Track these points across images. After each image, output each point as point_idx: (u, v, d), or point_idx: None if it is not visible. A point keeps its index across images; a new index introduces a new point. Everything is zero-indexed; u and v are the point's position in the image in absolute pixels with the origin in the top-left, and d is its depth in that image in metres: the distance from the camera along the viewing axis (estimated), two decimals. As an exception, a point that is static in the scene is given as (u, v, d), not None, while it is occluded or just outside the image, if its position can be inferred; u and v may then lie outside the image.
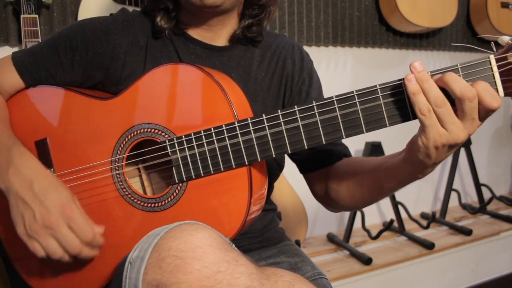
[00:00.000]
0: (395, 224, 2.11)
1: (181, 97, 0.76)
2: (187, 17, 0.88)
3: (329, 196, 0.91)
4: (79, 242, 0.74)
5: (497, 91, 0.64)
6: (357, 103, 0.68)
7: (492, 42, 0.66)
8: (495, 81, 0.64)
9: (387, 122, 0.68)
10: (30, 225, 0.73)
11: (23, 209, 0.74)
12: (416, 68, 0.64)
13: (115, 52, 0.85)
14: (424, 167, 0.69)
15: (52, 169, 0.83)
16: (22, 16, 1.44)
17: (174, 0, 0.87)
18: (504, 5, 2.38)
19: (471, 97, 0.61)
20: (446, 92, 0.63)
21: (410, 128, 0.77)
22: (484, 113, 0.64)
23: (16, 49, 1.58)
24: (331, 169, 0.91)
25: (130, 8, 0.93)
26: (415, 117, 0.65)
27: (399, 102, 0.67)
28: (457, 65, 0.64)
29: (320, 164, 0.93)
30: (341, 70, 2.23)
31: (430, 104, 0.63)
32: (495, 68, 0.63)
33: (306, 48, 1.01)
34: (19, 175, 0.75)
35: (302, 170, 0.97)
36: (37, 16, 1.46)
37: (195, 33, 0.89)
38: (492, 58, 0.63)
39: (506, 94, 0.64)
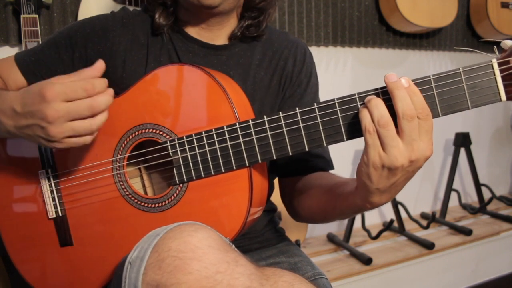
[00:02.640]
0: (395, 224, 2.12)
1: (183, 98, 0.76)
2: (185, 15, 0.88)
3: (292, 203, 0.92)
4: (88, 100, 0.66)
5: (499, 95, 0.63)
6: (358, 105, 0.67)
7: (495, 46, 0.66)
8: (497, 85, 0.63)
9: None
10: (47, 135, 0.68)
11: (32, 133, 0.69)
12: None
13: (114, 49, 0.86)
14: (368, 192, 0.67)
15: (53, 169, 0.83)
16: (22, 16, 1.44)
17: None
18: (504, 5, 2.38)
19: (409, 116, 0.60)
20: None
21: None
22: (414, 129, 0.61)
23: (16, 49, 1.58)
24: (301, 179, 0.92)
25: (130, 8, 0.93)
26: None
27: None
28: (459, 69, 0.63)
29: (295, 172, 0.93)
30: (341, 70, 2.23)
31: (373, 123, 0.62)
32: (497, 72, 0.63)
33: (306, 48, 1.01)
34: (4, 113, 0.71)
35: (278, 173, 0.97)
36: (37, 16, 1.46)
37: (194, 31, 0.89)
38: (495, 62, 0.63)
39: (508, 98, 0.64)
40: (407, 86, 0.62)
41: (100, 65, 0.70)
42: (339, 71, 2.22)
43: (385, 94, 0.65)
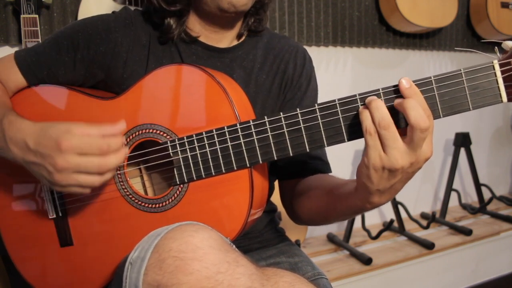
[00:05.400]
0: (395, 224, 2.12)
1: (183, 98, 0.76)
2: (193, 20, 0.88)
3: (292, 205, 0.92)
4: (98, 160, 0.69)
5: (501, 97, 0.63)
6: (359, 106, 0.67)
7: (496, 47, 0.66)
8: (498, 87, 0.63)
9: None
10: (51, 179, 0.70)
11: (37, 170, 0.72)
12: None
13: (116, 50, 0.85)
14: (368, 193, 0.67)
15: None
16: (22, 16, 1.44)
17: (186, 4, 0.85)
18: (504, 5, 2.38)
19: (423, 128, 0.60)
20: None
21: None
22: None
23: (16, 49, 1.58)
24: (301, 181, 0.92)
25: (132, 8, 0.93)
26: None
27: None
28: (460, 70, 0.63)
29: (294, 174, 0.93)
30: (341, 70, 2.23)
31: (374, 125, 0.62)
32: (498, 73, 0.63)
33: (306, 48, 1.01)
34: (15, 143, 0.73)
35: (278, 176, 0.97)
36: (37, 16, 1.46)
37: (198, 34, 0.89)
38: (496, 63, 0.63)
39: (509, 100, 0.63)
40: (408, 87, 0.61)
41: (121, 126, 0.71)
42: (339, 71, 2.22)
43: (386, 95, 0.65)
